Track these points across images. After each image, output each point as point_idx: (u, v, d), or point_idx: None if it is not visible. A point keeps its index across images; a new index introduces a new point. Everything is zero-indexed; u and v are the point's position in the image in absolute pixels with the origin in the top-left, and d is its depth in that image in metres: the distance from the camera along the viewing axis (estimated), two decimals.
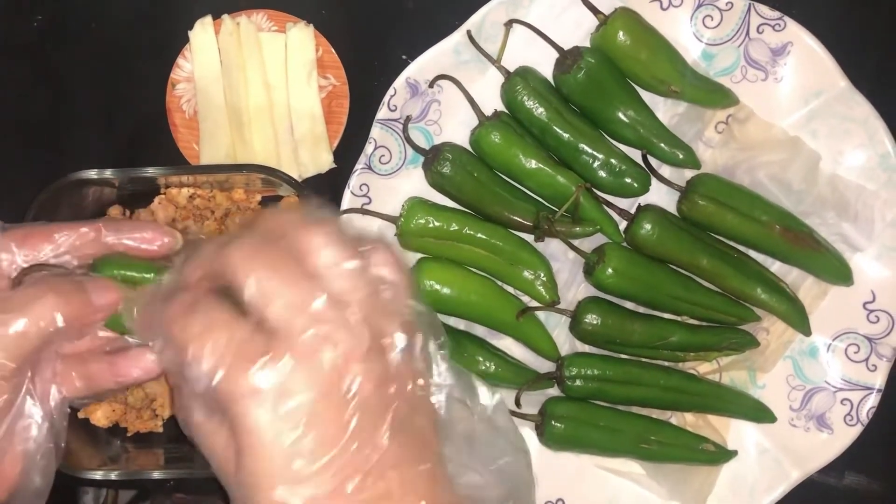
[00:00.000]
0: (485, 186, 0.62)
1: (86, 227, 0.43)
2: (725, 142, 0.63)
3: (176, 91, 0.68)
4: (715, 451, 0.62)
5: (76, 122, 0.70)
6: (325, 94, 0.67)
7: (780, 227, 0.60)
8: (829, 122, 0.62)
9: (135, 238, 0.44)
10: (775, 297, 0.62)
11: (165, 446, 0.65)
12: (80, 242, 0.43)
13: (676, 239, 0.61)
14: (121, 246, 0.44)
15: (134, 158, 0.69)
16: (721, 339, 0.62)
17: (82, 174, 0.59)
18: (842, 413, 0.62)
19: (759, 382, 0.63)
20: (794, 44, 0.61)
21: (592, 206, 0.62)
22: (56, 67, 0.70)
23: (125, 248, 0.44)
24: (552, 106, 0.61)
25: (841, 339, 0.63)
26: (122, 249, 0.44)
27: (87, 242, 0.43)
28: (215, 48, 0.67)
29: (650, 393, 0.62)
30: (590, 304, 0.61)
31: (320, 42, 0.67)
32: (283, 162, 0.66)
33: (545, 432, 0.61)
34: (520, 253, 0.62)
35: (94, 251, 0.43)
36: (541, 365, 0.63)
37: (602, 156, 0.61)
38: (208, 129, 0.67)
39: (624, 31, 0.60)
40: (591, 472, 0.63)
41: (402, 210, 0.62)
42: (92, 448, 0.64)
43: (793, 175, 0.62)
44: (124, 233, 0.44)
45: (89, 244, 0.43)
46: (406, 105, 0.63)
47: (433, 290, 0.61)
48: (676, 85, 0.61)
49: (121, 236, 0.44)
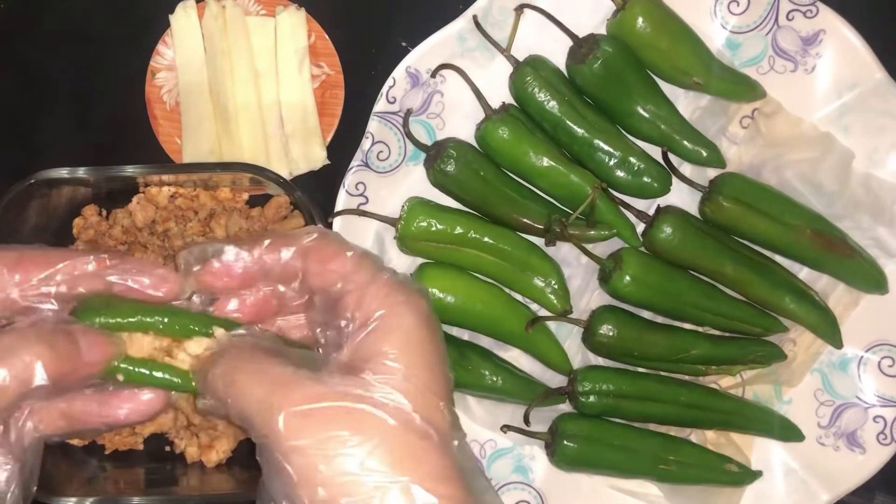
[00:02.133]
0: (491, 186, 0.60)
1: (88, 258, 0.39)
2: (751, 138, 0.62)
3: (156, 80, 0.66)
4: (738, 471, 0.61)
5: (46, 115, 0.68)
6: (318, 83, 0.66)
7: (811, 230, 0.59)
8: (864, 117, 0.60)
9: (140, 282, 0.40)
10: (804, 306, 0.60)
11: (146, 466, 0.62)
12: (78, 273, 0.39)
13: (699, 243, 0.59)
14: (122, 287, 0.40)
15: (111, 153, 0.67)
16: (745, 352, 0.61)
17: (52, 173, 0.57)
18: (874, 431, 0.60)
19: (785, 398, 0.62)
20: (826, 32, 0.60)
21: (608, 207, 0.60)
22: (23, 54, 0.68)
23: (124, 290, 0.40)
24: (565, 99, 0.59)
25: (874, 351, 0.61)
26: (121, 290, 0.40)
27: (85, 276, 0.39)
28: (198, 34, 0.65)
29: (669, 409, 0.60)
30: (604, 314, 0.60)
31: (313, 27, 0.65)
32: (273, 158, 0.64)
33: (556, 452, 0.60)
34: (529, 258, 0.60)
35: (90, 287, 0.39)
36: (551, 379, 0.62)
37: (619, 153, 0.60)
38: (191, 122, 0.65)
39: (643, 17, 0.58)
40: (605, 494, 0.61)
41: (401, 211, 0.60)
42: (67, 468, 0.61)
43: (824, 174, 0.60)
44: (130, 273, 0.39)
45: (87, 278, 0.39)
46: (406, 97, 0.61)
47: (435, 297, 0.59)
48: (699, 76, 0.59)
49: (125, 276, 0.39)
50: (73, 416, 0.39)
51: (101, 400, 0.39)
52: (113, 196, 0.62)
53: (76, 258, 0.39)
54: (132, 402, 0.39)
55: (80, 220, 0.62)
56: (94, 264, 0.39)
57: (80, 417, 0.39)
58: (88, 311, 0.38)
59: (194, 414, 0.59)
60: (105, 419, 0.39)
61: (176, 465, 0.61)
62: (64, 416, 0.39)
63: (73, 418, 0.39)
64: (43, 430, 0.39)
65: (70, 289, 0.39)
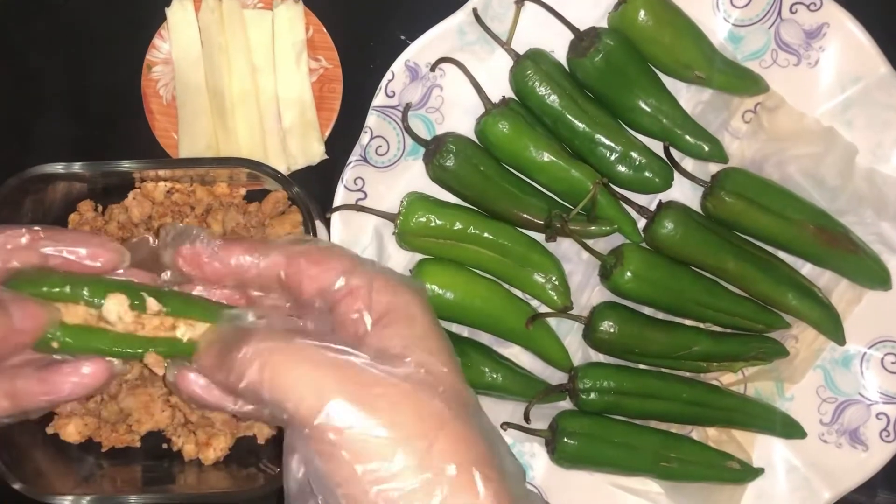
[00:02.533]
0: (491, 181, 0.59)
1: (20, 231, 0.39)
2: (754, 132, 0.61)
3: (152, 74, 0.65)
4: (739, 468, 0.60)
5: (41, 109, 0.67)
6: (315, 77, 0.65)
7: (814, 226, 0.58)
8: (868, 111, 0.59)
9: (76, 252, 0.39)
10: (807, 302, 0.59)
11: (144, 463, 0.61)
12: (11, 247, 0.38)
13: (700, 239, 0.58)
14: (58, 259, 0.39)
15: (106, 147, 0.67)
16: (747, 348, 0.60)
17: (47, 168, 0.56)
18: (877, 428, 0.60)
19: (787, 394, 0.61)
20: (830, 25, 0.59)
21: (609, 202, 0.60)
22: (18, 48, 0.67)
23: (62, 262, 0.39)
24: (566, 92, 0.59)
25: (877, 347, 0.60)
26: (58, 262, 0.39)
27: (19, 249, 0.38)
28: (195, 27, 0.64)
29: (670, 406, 0.60)
30: (605, 310, 0.59)
31: (311, 20, 0.65)
32: (270, 153, 0.64)
33: (556, 449, 0.59)
34: (529, 254, 0.60)
35: (25, 260, 0.39)
36: (551, 375, 0.62)
37: (620, 148, 0.59)
38: (187, 117, 0.64)
39: (645, 10, 0.58)
40: (605, 492, 0.61)
41: (400, 206, 0.59)
42: (63, 466, 0.60)
43: (827, 169, 0.59)
44: (64, 244, 0.39)
45: (20, 251, 0.38)
46: (405, 91, 0.60)
47: (435, 294, 0.59)
48: (702, 70, 0.59)
49: (60, 248, 0.39)
50: (17, 394, 0.39)
51: (42, 377, 0.39)
52: (109, 191, 0.61)
53: (7, 231, 0.38)
54: (74, 375, 0.38)
55: (76, 215, 0.61)
56: (28, 237, 0.38)
57: (23, 396, 0.39)
58: (20, 283, 0.37)
59: (192, 412, 0.59)
60: (48, 395, 0.39)
61: (173, 463, 0.61)
62: (7, 395, 0.38)
63: (16, 397, 0.39)
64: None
65: (4, 262, 0.38)
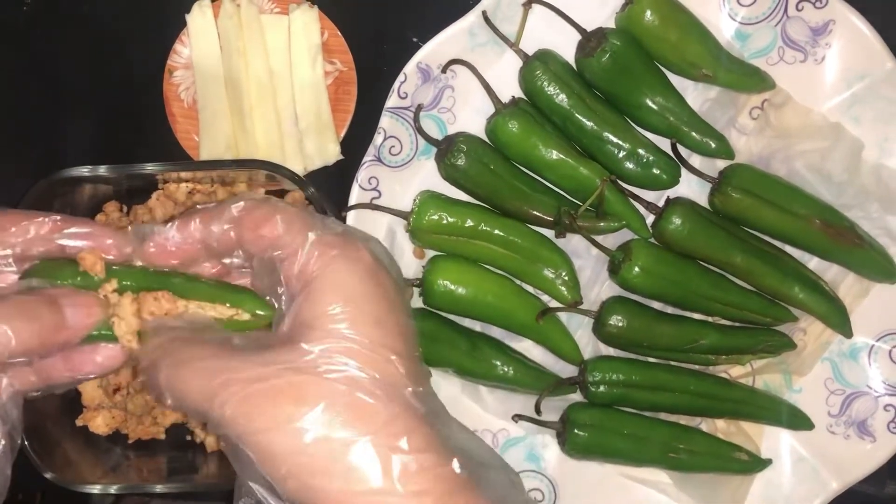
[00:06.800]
0: (502, 179, 0.60)
1: (42, 220, 0.39)
2: (761, 129, 0.61)
3: (173, 79, 0.66)
4: (748, 459, 0.60)
5: (67, 114, 0.68)
6: (331, 80, 0.65)
7: (820, 221, 0.58)
8: (874, 106, 0.59)
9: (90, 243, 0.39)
10: (814, 296, 0.59)
11: (169, 454, 0.63)
12: (33, 236, 0.38)
13: (708, 234, 0.58)
14: (74, 250, 0.39)
15: (130, 149, 0.68)
16: (755, 341, 0.60)
17: (73, 171, 0.57)
18: (885, 420, 0.60)
19: (795, 387, 0.61)
20: (836, 22, 0.59)
21: (618, 199, 0.59)
22: (47, 55, 0.68)
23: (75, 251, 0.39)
24: (574, 92, 0.59)
25: (884, 340, 0.60)
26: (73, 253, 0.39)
27: (38, 238, 0.38)
28: (214, 32, 0.65)
29: (679, 399, 0.60)
30: (615, 305, 0.59)
31: (326, 25, 0.65)
32: (288, 153, 0.64)
33: (567, 441, 0.60)
34: (540, 250, 0.60)
35: (42, 250, 0.39)
36: (562, 369, 0.62)
37: (628, 145, 0.59)
38: (208, 119, 0.65)
39: (652, 10, 0.58)
40: (615, 482, 0.61)
41: (413, 205, 0.60)
42: (92, 457, 0.62)
43: (833, 165, 0.59)
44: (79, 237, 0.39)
45: (39, 240, 0.39)
46: (417, 92, 0.60)
47: (447, 289, 0.59)
48: (709, 68, 0.58)
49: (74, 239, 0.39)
50: (43, 370, 0.40)
51: (66, 355, 0.39)
52: (133, 193, 0.63)
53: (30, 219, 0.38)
54: (96, 354, 0.39)
55: (102, 216, 0.63)
56: (49, 226, 0.39)
57: (48, 372, 0.40)
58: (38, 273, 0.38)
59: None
60: (72, 372, 0.39)
61: (196, 454, 0.63)
62: (35, 371, 0.40)
63: (42, 373, 0.40)
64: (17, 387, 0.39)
65: (24, 251, 0.38)
